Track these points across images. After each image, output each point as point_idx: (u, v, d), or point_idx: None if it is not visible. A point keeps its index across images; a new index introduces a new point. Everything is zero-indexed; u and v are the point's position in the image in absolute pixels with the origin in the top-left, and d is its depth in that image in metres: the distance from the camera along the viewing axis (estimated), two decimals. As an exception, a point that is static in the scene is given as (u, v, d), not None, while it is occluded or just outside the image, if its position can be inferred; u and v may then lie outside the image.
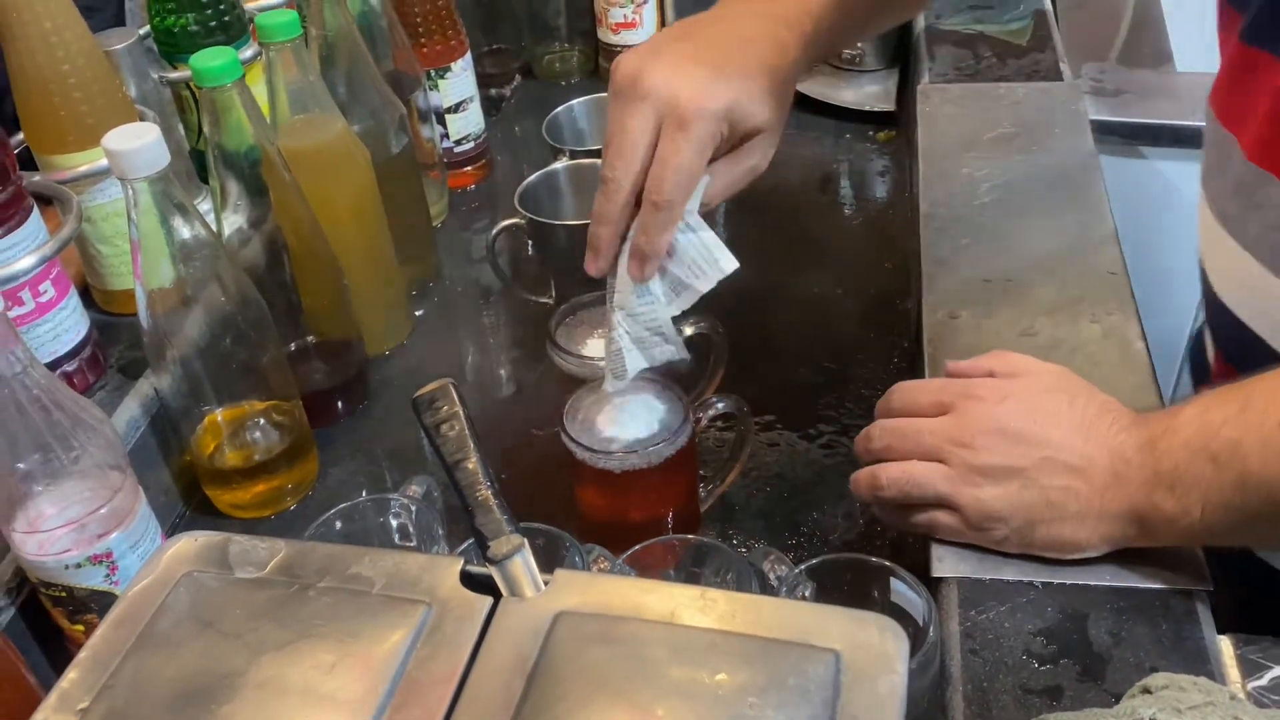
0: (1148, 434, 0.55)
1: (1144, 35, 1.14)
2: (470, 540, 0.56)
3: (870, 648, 0.44)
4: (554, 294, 0.89)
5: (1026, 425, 0.57)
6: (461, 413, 0.53)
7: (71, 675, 0.47)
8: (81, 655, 0.47)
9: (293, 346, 0.83)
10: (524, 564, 0.48)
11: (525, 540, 0.48)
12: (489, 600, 0.48)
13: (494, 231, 0.85)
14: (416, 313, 0.94)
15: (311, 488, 0.79)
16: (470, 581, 0.49)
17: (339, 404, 0.84)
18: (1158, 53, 1.06)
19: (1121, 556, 0.58)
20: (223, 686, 0.45)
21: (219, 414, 0.76)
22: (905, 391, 0.64)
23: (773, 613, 0.46)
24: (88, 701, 0.45)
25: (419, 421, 0.54)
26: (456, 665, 0.45)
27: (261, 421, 0.77)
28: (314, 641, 0.47)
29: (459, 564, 0.50)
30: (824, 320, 0.92)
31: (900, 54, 1.18)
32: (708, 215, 0.62)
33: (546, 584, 0.48)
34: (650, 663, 0.45)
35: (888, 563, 0.55)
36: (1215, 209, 0.67)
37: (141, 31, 0.85)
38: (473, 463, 0.51)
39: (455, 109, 1.05)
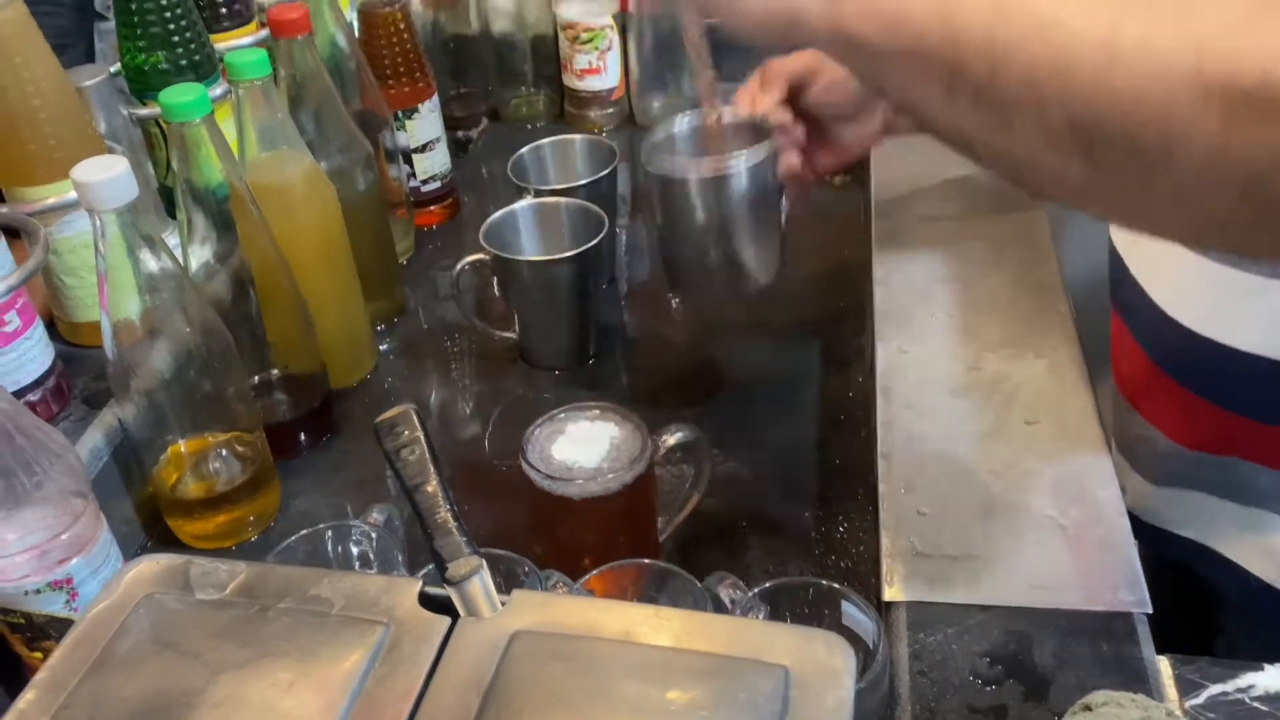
0: None
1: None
2: (430, 566, 0.56)
3: (818, 663, 0.45)
4: (516, 329, 0.90)
5: None
6: (422, 437, 0.54)
7: (29, 696, 0.47)
8: (39, 676, 0.47)
9: (257, 379, 0.84)
10: (481, 585, 0.49)
11: (483, 561, 0.49)
12: (447, 620, 0.48)
13: (458, 266, 0.86)
14: (381, 347, 0.95)
15: (273, 519, 0.80)
16: (428, 602, 0.49)
17: (302, 436, 0.85)
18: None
19: (1064, 580, 0.60)
20: (180, 705, 0.45)
21: (182, 445, 0.77)
22: None
23: (724, 630, 0.48)
24: (45, 721, 0.46)
25: (380, 446, 0.54)
26: (414, 683, 0.46)
27: (224, 452, 0.78)
28: (273, 660, 0.47)
29: (417, 585, 0.50)
30: (782, 355, 0.94)
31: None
32: None
33: (504, 604, 0.49)
34: (605, 679, 0.46)
35: (839, 585, 0.56)
36: None
37: (112, 69, 0.86)
38: (432, 486, 0.52)
39: (422, 149, 1.07)
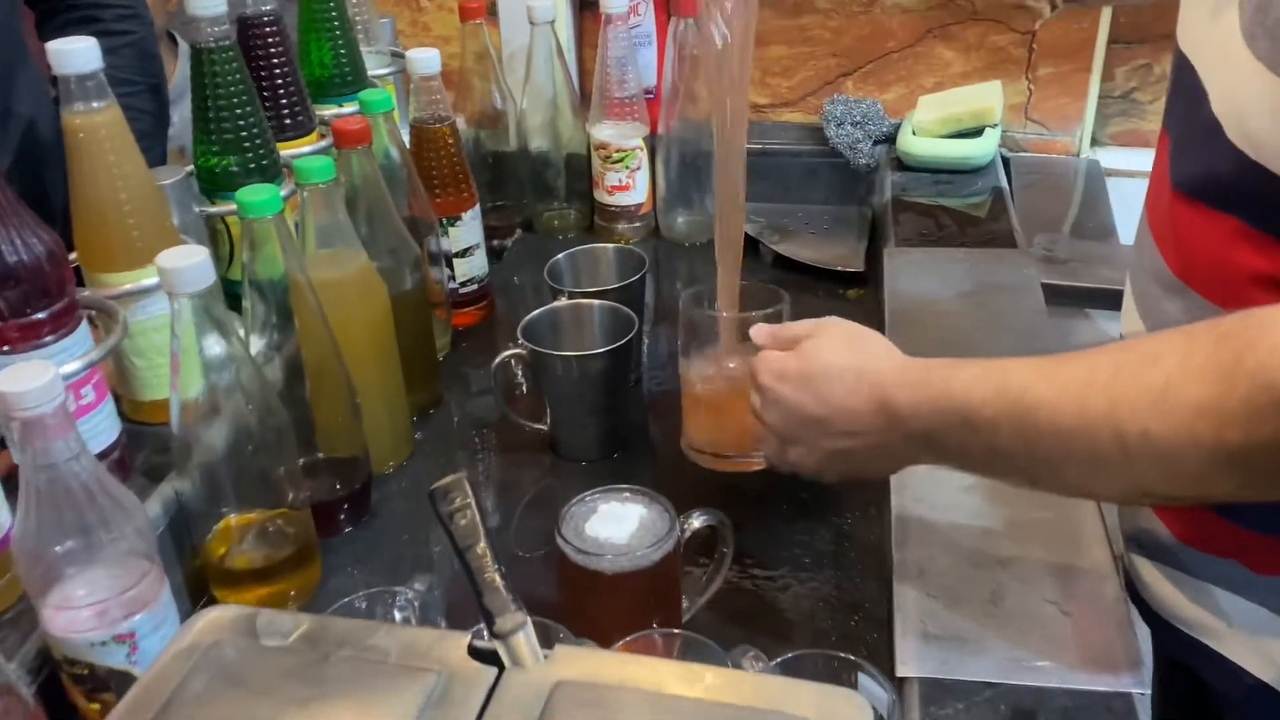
0: (912, 401, 0.65)
1: (1091, 212, 1.26)
2: (476, 626, 0.61)
3: (836, 715, 0.49)
4: (548, 421, 0.95)
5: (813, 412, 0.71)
6: (473, 503, 0.59)
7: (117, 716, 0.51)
8: (124, 702, 0.51)
9: (303, 461, 0.89)
10: (526, 638, 0.53)
11: (528, 617, 0.54)
12: (494, 670, 0.53)
13: (498, 359, 0.92)
14: (417, 436, 1.01)
15: (313, 594, 0.84)
16: (477, 654, 0.54)
17: (343, 516, 0.90)
18: (1103, 226, 1.17)
19: (1069, 662, 0.64)
20: (250, 737, 0.49)
21: (233, 519, 0.81)
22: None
23: (751, 686, 0.52)
24: (124, 749, 0.49)
25: (434, 510, 0.59)
26: (464, 726, 0.50)
27: (271, 528, 0.82)
28: (334, 701, 0.51)
29: (467, 638, 0.55)
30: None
31: (870, 224, 1.29)
32: None
33: (546, 657, 0.53)
34: (640, 725, 0.50)
35: (855, 658, 0.60)
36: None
37: (187, 169, 0.94)
38: (482, 547, 0.57)
39: (463, 254, 1.14)
